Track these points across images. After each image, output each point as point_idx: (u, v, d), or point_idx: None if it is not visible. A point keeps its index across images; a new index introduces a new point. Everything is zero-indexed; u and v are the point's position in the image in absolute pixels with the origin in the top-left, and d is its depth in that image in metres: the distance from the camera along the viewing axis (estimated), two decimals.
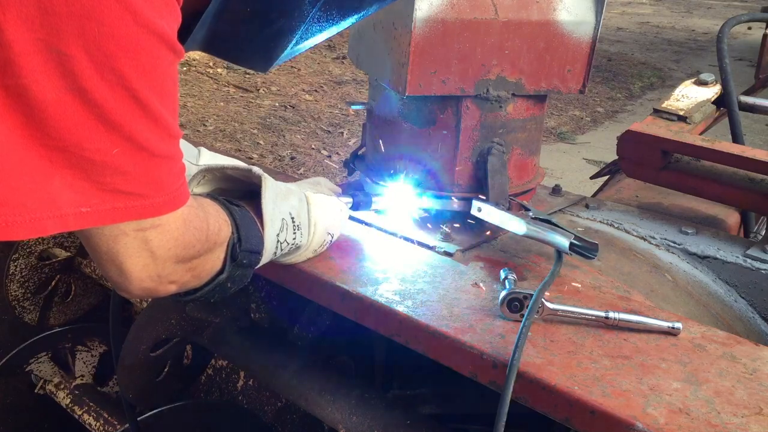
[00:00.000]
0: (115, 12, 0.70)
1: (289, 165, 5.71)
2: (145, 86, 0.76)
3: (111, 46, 0.71)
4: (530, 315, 1.00)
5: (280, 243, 1.11)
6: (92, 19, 0.69)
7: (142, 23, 0.73)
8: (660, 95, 8.69)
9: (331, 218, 1.21)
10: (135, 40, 0.73)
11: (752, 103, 2.10)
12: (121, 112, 0.75)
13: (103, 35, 0.70)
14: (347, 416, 1.27)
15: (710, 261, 1.57)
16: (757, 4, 11.65)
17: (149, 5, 0.74)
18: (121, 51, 0.72)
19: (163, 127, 0.80)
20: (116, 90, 0.73)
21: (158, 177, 0.82)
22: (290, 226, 1.12)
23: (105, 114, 0.74)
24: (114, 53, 0.72)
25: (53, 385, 1.91)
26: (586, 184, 3.21)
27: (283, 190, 1.13)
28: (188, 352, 1.66)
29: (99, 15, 0.69)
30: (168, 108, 0.80)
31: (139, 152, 0.78)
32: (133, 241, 0.85)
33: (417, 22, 1.25)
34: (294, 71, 8.29)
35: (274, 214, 1.09)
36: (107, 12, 0.70)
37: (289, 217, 1.12)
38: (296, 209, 1.14)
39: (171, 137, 0.83)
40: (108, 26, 0.70)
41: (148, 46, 0.75)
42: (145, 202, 0.82)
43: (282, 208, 1.11)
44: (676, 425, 0.85)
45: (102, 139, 0.74)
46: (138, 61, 0.74)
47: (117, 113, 0.74)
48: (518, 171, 1.45)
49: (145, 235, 0.85)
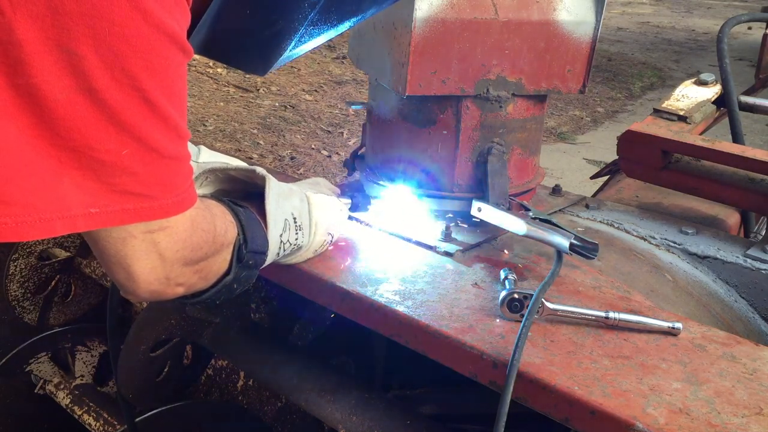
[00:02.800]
0: (126, 11, 0.70)
1: (289, 165, 5.71)
2: (156, 87, 0.76)
3: (122, 46, 0.71)
4: (530, 315, 1.00)
5: (283, 243, 1.11)
6: (103, 18, 0.69)
7: (152, 23, 0.73)
8: (660, 95, 8.68)
9: (331, 218, 1.21)
10: (145, 39, 0.73)
11: (752, 103, 2.10)
12: (131, 113, 0.74)
13: (114, 35, 0.70)
14: (347, 416, 1.27)
15: (710, 261, 1.57)
16: (757, 4, 11.65)
17: (160, 5, 0.73)
18: (131, 51, 0.72)
19: (173, 128, 0.80)
20: (126, 90, 0.73)
21: (168, 178, 0.82)
22: (292, 227, 1.12)
23: (115, 114, 0.73)
24: (125, 53, 0.72)
25: (53, 385, 1.91)
26: (586, 184, 3.20)
27: (285, 191, 1.13)
28: (188, 352, 1.66)
29: (109, 14, 0.69)
30: (177, 109, 0.80)
31: (149, 153, 0.78)
32: (141, 244, 0.84)
33: (417, 22, 1.25)
34: (294, 71, 8.29)
35: (277, 214, 1.09)
36: (118, 11, 0.70)
37: (291, 217, 1.12)
38: (298, 209, 1.14)
39: (180, 138, 0.82)
40: (119, 26, 0.70)
41: (158, 46, 0.74)
42: (154, 204, 0.81)
43: (285, 209, 1.11)
44: (676, 425, 0.85)
45: (112, 139, 0.74)
46: (149, 61, 0.74)
47: (127, 114, 0.74)
48: (518, 171, 1.44)
49: (154, 237, 0.85)
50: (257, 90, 7.47)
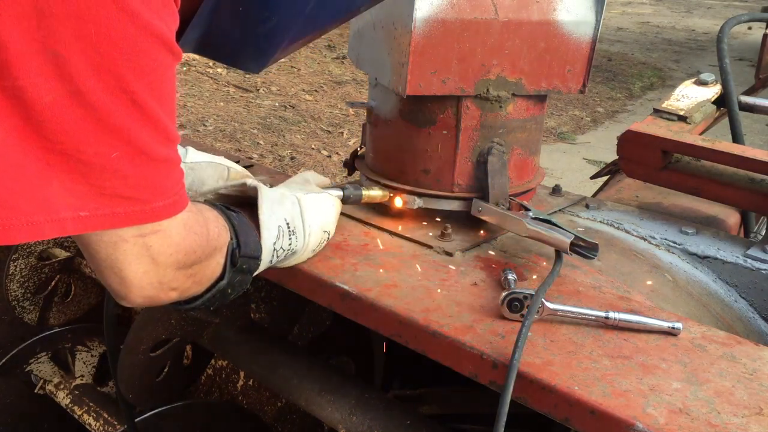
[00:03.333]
0: (113, 13, 0.70)
1: (289, 165, 5.71)
2: (144, 89, 0.75)
3: (108, 48, 0.71)
4: (530, 315, 1.00)
5: (276, 251, 1.10)
6: (89, 20, 0.69)
7: (139, 24, 0.72)
8: (660, 95, 8.69)
9: (325, 216, 1.21)
10: (133, 41, 0.72)
11: (752, 103, 2.09)
12: (119, 115, 0.74)
13: (100, 36, 0.70)
14: (347, 416, 1.27)
15: (710, 261, 1.57)
16: (757, 4, 11.66)
17: (147, 6, 0.73)
18: (118, 53, 0.71)
19: (162, 130, 0.79)
20: (114, 93, 0.73)
21: (158, 181, 0.81)
22: (286, 233, 1.12)
23: (103, 117, 0.73)
24: (111, 55, 0.71)
25: (53, 385, 1.91)
26: (586, 184, 3.21)
27: (277, 197, 1.13)
28: (188, 352, 1.67)
29: (96, 16, 0.69)
30: (167, 111, 0.79)
31: (139, 156, 0.77)
32: (133, 248, 0.83)
33: (417, 22, 1.25)
34: (294, 71, 8.29)
35: (270, 222, 1.09)
36: (104, 13, 0.69)
37: (285, 222, 1.12)
38: (290, 214, 1.14)
39: (170, 141, 0.82)
40: (105, 27, 0.70)
41: (146, 48, 0.74)
42: (145, 207, 0.80)
43: (278, 215, 1.11)
44: (676, 425, 0.85)
45: (100, 142, 0.74)
46: (136, 63, 0.73)
47: (115, 116, 0.73)
48: (518, 171, 1.44)
49: (146, 241, 0.84)
50: (257, 90, 7.47)
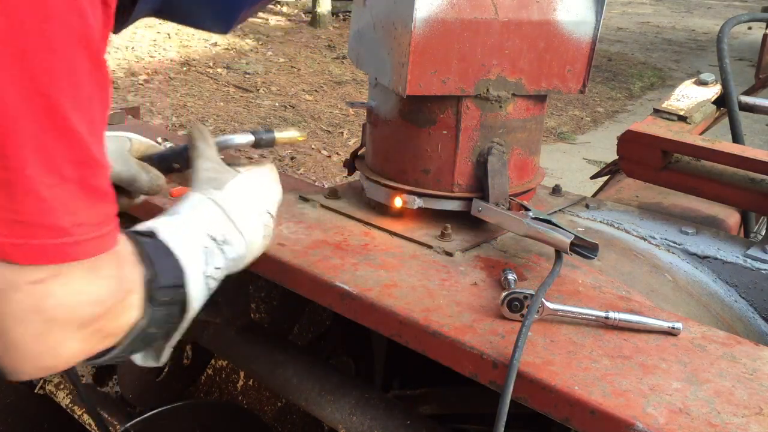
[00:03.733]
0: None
1: (289, 165, 5.71)
2: (52, 86, 0.61)
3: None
4: (530, 315, 1.00)
5: (209, 276, 0.91)
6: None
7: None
8: (660, 95, 8.69)
9: (255, 199, 1.01)
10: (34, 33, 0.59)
11: (752, 103, 2.09)
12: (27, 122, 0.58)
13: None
14: (347, 416, 1.27)
15: (710, 261, 1.57)
16: (757, 4, 11.66)
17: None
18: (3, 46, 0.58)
19: (76, 144, 0.63)
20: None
21: (71, 207, 0.63)
22: (215, 250, 0.92)
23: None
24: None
25: (53, 385, 1.91)
26: (586, 184, 3.20)
27: (186, 219, 0.91)
28: (188, 352, 1.67)
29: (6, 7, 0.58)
30: (85, 120, 0.63)
31: (49, 174, 0.61)
32: (25, 298, 0.63)
33: (417, 22, 1.25)
34: (294, 71, 8.29)
35: (188, 254, 0.87)
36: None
37: (209, 239, 0.91)
38: (212, 225, 0.93)
39: (89, 159, 0.65)
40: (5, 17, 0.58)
41: (51, 39, 0.60)
42: (47, 242, 0.62)
43: (196, 238, 0.90)
44: (676, 425, 0.85)
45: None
46: (37, 57, 0.58)
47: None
48: (518, 171, 1.44)
49: (45, 289, 0.64)
50: (257, 90, 7.48)
